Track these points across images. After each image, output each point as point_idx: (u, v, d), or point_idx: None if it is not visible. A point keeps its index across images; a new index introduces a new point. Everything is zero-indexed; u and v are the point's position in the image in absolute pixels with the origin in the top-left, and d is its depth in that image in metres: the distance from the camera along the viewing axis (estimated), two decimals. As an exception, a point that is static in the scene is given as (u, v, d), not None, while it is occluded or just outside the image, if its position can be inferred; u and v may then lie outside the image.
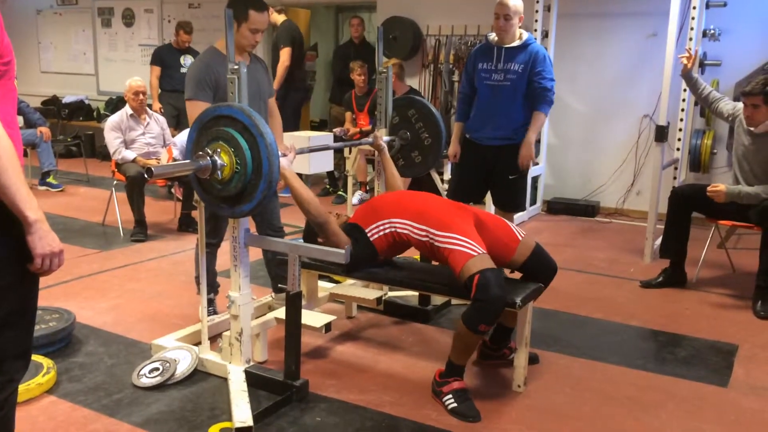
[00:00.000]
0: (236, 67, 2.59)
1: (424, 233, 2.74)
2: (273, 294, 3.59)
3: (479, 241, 2.66)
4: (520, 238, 2.85)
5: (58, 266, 1.57)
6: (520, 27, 3.84)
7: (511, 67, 3.78)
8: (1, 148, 1.44)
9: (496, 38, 3.88)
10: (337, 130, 6.29)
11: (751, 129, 3.88)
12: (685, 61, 4.19)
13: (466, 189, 4.02)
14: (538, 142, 6.16)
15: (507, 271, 3.01)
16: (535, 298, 2.84)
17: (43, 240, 1.52)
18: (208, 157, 2.45)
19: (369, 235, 2.85)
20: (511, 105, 3.82)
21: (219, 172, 2.47)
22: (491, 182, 4.00)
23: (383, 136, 3.59)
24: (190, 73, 3.10)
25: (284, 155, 2.84)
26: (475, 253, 2.59)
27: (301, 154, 3.19)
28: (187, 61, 6.79)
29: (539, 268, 2.86)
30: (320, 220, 2.74)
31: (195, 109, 2.93)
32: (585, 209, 6.20)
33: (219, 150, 2.44)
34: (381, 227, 2.84)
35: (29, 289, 1.63)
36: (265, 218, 3.35)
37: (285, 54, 6.33)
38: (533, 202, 6.21)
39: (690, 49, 4.44)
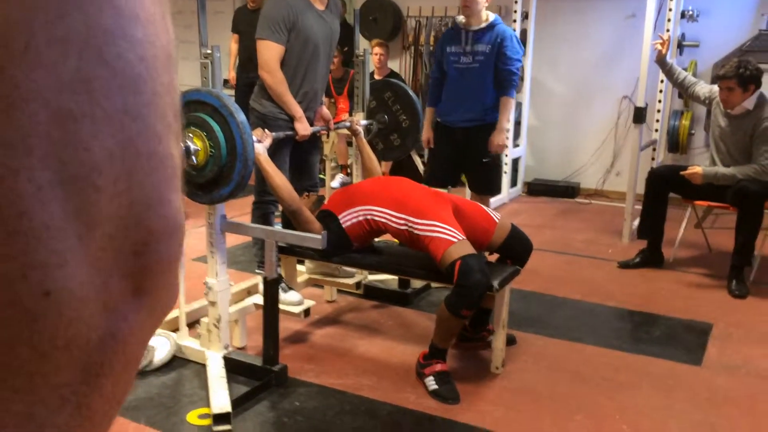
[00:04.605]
0: (209, 51, 2.56)
1: (402, 221, 2.74)
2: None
3: (458, 227, 2.68)
4: (497, 221, 2.88)
5: None
6: (487, 9, 3.84)
7: (478, 49, 3.78)
8: None
9: (464, 20, 3.87)
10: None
11: (728, 111, 3.91)
12: (659, 47, 4.21)
13: (441, 174, 4.01)
14: (518, 123, 6.17)
15: (485, 254, 3.04)
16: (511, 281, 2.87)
17: None
18: (181, 143, 2.43)
19: (342, 221, 2.85)
20: (481, 87, 3.81)
21: (193, 158, 2.44)
22: (465, 166, 4.01)
23: (361, 120, 3.58)
24: (266, 10, 2.97)
25: (260, 141, 2.82)
26: (455, 240, 2.61)
27: (277, 139, 3.17)
28: None
29: (516, 249, 2.92)
30: (293, 207, 2.73)
31: (266, 50, 2.85)
32: (565, 190, 6.23)
33: (191, 135, 2.42)
34: (354, 214, 2.84)
35: None
36: (305, 172, 3.34)
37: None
38: (514, 183, 6.23)
39: (663, 35, 4.45)
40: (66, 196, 0.27)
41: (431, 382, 2.66)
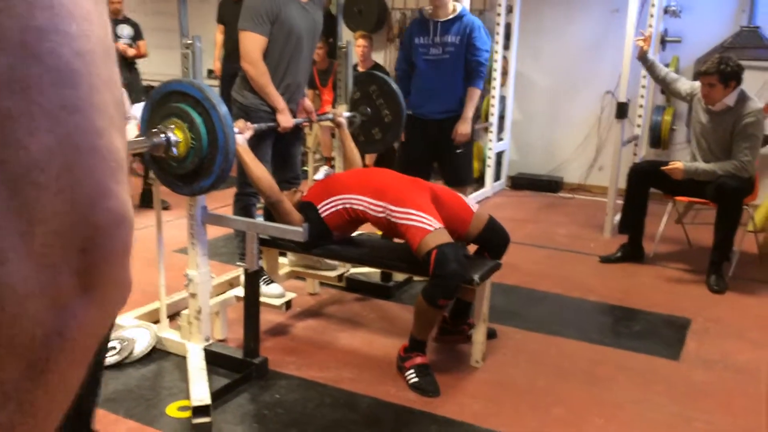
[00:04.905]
0: (190, 41, 2.53)
1: (381, 209, 2.74)
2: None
3: (436, 215, 2.68)
4: (474, 210, 2.89)
5: None
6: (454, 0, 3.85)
7: (448, 40, 3.78)
8: None
9: (431, 11, 3.86)
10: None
11: (710, 107, 3.94)
12: (641, 43, 4.24)
13: (415, 166, 4.00)
14: (502, 117, 6.18)
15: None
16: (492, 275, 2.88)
17: None
18: (162, 134, 2.41)
19: (321, 211, 2.84)
20: (453, 78, 3.81)
21: (174, 149, 2.42)
22: (438, 158, 4.00)
23: (344, 112, 3.57)
24: (249, 1, 2.95)
25: (241, 133, 2.80)
26: (432, 229, 2.61)
27: (259, 130, 3.15)
28: (124, 32, 6.52)
29: (493, 240, 2.93)
30: (273, 199, 2.72)
31: (248, 41, 2.82)
32: (548, 185, 6.26)
33: (172, 126, 2.40)
34: (333, 203, 2.84)
35: None
36: (287, 165, 3.32)
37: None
38: (497, 177, 6.25)
39: (644, 31, 4.47)
40: (7, 195, 0.27)
41: (411, 375, 2.66)
